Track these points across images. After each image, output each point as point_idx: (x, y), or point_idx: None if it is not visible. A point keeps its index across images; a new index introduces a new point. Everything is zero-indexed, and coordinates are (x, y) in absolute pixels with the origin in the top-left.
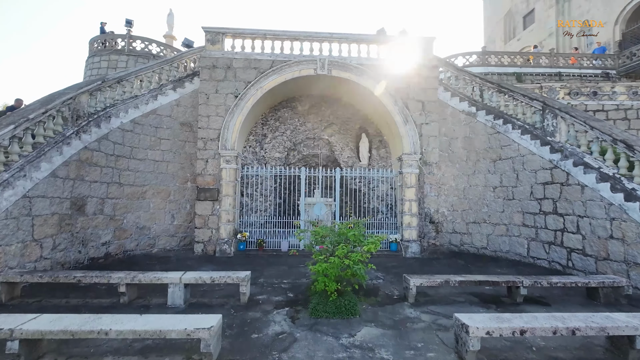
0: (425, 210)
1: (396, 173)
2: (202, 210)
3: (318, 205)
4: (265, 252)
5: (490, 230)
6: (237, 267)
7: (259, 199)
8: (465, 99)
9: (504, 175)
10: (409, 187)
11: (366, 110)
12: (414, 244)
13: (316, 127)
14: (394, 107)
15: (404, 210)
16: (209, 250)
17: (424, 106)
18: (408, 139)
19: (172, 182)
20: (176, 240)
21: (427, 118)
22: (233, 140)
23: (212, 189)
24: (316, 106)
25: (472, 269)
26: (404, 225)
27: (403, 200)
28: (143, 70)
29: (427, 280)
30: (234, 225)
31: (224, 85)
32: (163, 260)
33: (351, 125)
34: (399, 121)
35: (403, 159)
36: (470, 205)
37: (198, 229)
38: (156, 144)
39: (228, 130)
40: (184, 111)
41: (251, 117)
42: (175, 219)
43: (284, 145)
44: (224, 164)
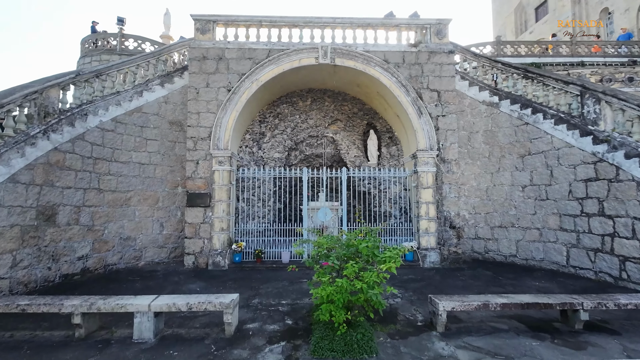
0: (445, 214)
1: (410, 172)
2: (192, 217)
3: (323, 210)
4: (264, 263)
5: (519, 235)
6: (230, 283)
7: (256, 204)
8: (485, 87)
9: (535, 172)
10: (426, 188)
11: (374, 104)
12: (432, 253)
13: (319, 123)
14: (406, 98)
15: (420, 214)
16: (200, 262)
17: (440, 96)
18: (423, 134)
19: (160, 186)
20: (166, 251)
21: (444, 109)
22: (226, 139)
23: (203, 194)
24: (319, 101)
25: (503, 282)
26: (421, 231)
27: (419, 203)
28: (126, 64)
29: (461, 303)
30: (228, 235)
31: (215, 78)
32: (148, 276)
33: (358, 121)
34: (412, 114)
35: (418, 156)
36: (495, 208)
37: (188, 239)
38: (142, 145)
39: (220, 128)
40: (173, 109)
41: (247, 113)
42: (164, 227)
43: (284, 145)
44: (216, 165)
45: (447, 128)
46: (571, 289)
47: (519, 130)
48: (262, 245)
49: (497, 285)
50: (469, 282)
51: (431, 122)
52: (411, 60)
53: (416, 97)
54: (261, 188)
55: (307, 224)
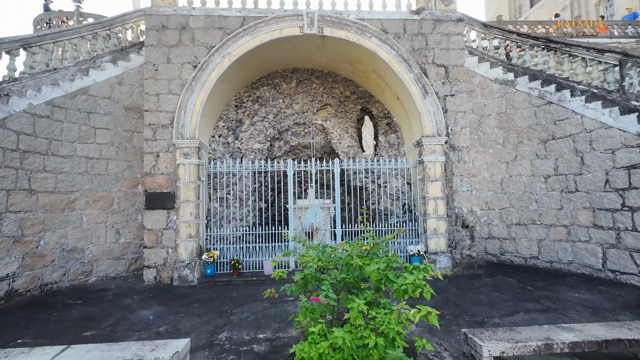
0: (456, 211)
1: (414, 163)
2: (152, 223)
3: (312, 209)
4: (242, 276)
5: (542, 233)
6: (195, 307)
7: (233, 205)
8: (498, 63)
9: (561, 159)
10: (433, 181)
11: (369, 85)
12: (443, 257)
13: (306, 109)
14: (408, 74)
15: (427, 212)
16: (163, 277)
17: (448, 72)
18: (429, 117)
19: (115, 185)
20: (124, 264)
21: (453, 88)
22: (193, 126)
23: (165, 194)
24: (305, 83)
25: (535, 293)
26: (429, 232)
27: (425, 199)
28: (65, 34)
29: (513, 345)
30: (197, 242)
31: (178, 52)
32: (95, 298)
33: (350, 106)
34: (415, 93)
35: (423, 144)
36: (511, 202)
37: (148, 249)
38: (89, 136)
39: (185, 112)
40: (129, 92)
41: (219, 96)
42: (121, 235)
43: (266, 134)
44: (181, 158)
45: (457, 110)
46: (621, 302)
47: (540, 112)
48: (240, 254)
49: (530, 299)
50: (493, 296)
51: (438, 102)
52: (413, 30)
53: (420, 73)
54: (238, 185)
55: (294, 225)
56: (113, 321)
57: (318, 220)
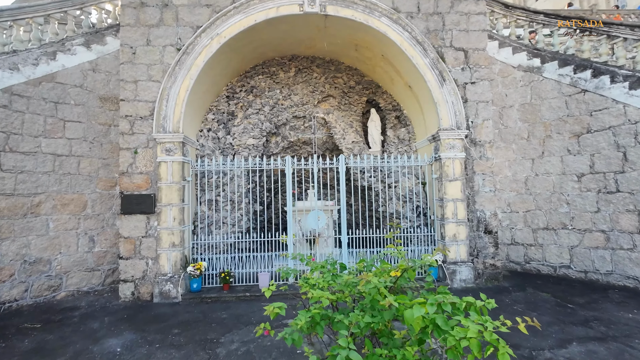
0: (478, 215)
1: (429, 160)
2: (129, 229)
3: (313, 213)
4: (233, 291)
5: (574, 239)
6: (175, 334)
7: (224, 208)
8: (521, 48)
9: (598, 155)
10: (452, 181)
11: (376, 74)
12: (464, 268)
13: (306, 101)
14: (422, 59)
15: (445, 216)
16: (142, 293)
17: (468, 57)
18: (446, 108)
19: (88, 187)
20: (99, 276)
21: (474, 75)
22: (177, 117)
23: (144, 196)
24: (305, 72)
25: (580, 313)
26: (447, 238)
27: (443, 201)
28: (28, 12)
29: None
30: (182, 252)
31: (159, 33)
32: (58, 320)
33: (355, 97)
34: (431, 81)
35: (440, 138)
36: (538, 204)
37: (125, 261)
38: (57, 129)
39: (168, 102)
40: (105, 80)
41: (208, 84)
42: (96, 243)
43: (261, 128)
44: (163, 155)
45: (478, 99)
46: None
47: (572, 101)
48: (232, 265)
49: (578, 322)
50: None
51: (457, 91)
52: (428, 8)
53: (436, 58)
54: (230, 186)
55: (293, 230)
56: (69, 356)
57: (321, 226)
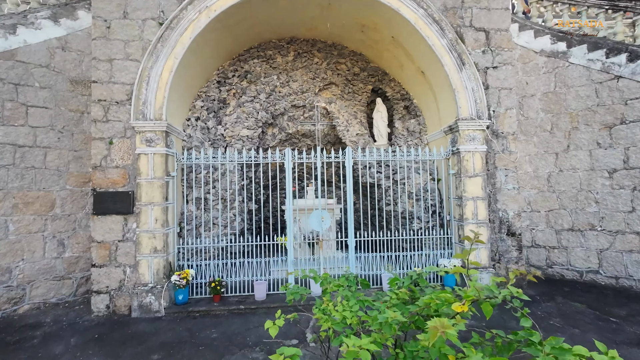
0: (500, 215)
1: (445, 154)
2: (103, 233)
3: (316, 213)
4: (225, 302)
5: (604, 242)
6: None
7: (215, 207)
8: (544, 31)
9: (634, 149)
10: (472, 177)
11: (384, 60)
12: (485, 275)
13: (307, 88)
14: (440, 40)
15: (464, 216)
16: (119, 306)
17: (489, 39)
18: (466, 95)
19: (57, 183)
20: (70, 285)
21: (496, 59)
22: (159, 103)
23: (121, 194)
24: (305, 56)
25: (631, 330)
26: (466, 241)
27: (463, 200)
28: None
29: None
30: (165, 258)
31: (138, 4)
32: (14, 342)
33: (360, 85)
34: (448, 64)
35: (459, 129)
36: (562, 203)
37: (98, 269)
38: (18, 116)
39: (149, 85)
40: (77, 60)
41: (196, 67)
42: (66, 247)
43: (256, 118)
44: (143, 146)
45: (500, 86)
46: None
47: (603, 89)
48: (224, 272)
49: (631, 341)
50: (573, 335)
51: (478, 76)
52: None
53: (455, 38)
54: (221, 182)
55: (292, 232)
56: None
57: (325, 227)
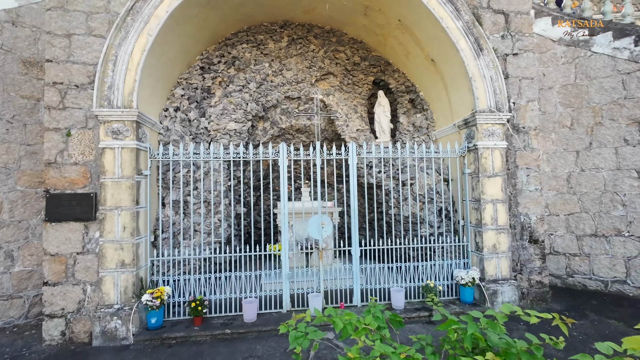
0: (521, 220)
1: (461, 150)
2: (58, 243)
3: (315, 219)
4: (208, 326)
5: (632, 249)
6: None
7: (197, 212)
8: (564, 17)
9: None
10: (492, 176)
11: (387, 48)
12: (506, 287)
13: (302, 78)
14: (454, 22)
15: (482, 221)
16: (77, 332)
17: (509, 22)
18: (484, 84)
19: (4, 183)
20: (20, 305)
21: (516, 45)
22: (129, 88)
23: (81, 196)
24: (300, 42)
25: None
26: (485, 249)
27: (481, 203)
28: None
29: None
30: (135, 273)
31: None
32: None
33: (360, 76)
34: (464, 49)
35: (477, 123)
36: (583, 205)
37: (51, 287)
38: None
39: (116, 66)
40: (32, 38)
41: (175, 48)
42: (16, 260)
43: (246, 110)
44: (108, 138)
45: (521, 75)
46: None
47: (631, 80)
48: (206, 289)
49: None
50: None
51: (498, 63)
52: None
53: (472, 21)
54: (203, 182)
55: (287, 240)
56: None
57: (326, 235)
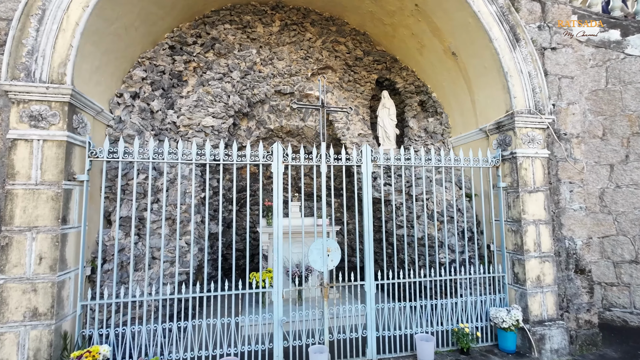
0: (566, 245)
1: (494, 160)
2: None
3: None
4: None
5: None
6: None
7: (156, 232)
8: (592, 16)
9: None
10: (532, 192)
11: (395, 41)
12: (555, 331)
13: (296, 70)
14: (487, 6)
15: (525, 247)
16: None
17: (546, 12)
18: (520, 81)
19: None
20: None
21: (554, 37)
22: (62, 56)
23: None
24: (295, 29)
25: None
26: (529, 282)
27: (522, 224)
28: None
29: None
30: (55, 328)
31: None
32: None
33: (363, 73)
34: (498, 39)
35: (515, 126)
36: (620, 227)
37: None
38: None
39: (43, 23)
40: None
41: (135, 13)
42: None
43: (226, 103)
44: (23, 126)
45: (560, 73)
46: None
47: None
48: (165, 346)
49: None
50: None
51: (537, 57)
52: None
53: (507, 5)
54: (168, 193)
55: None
56: None
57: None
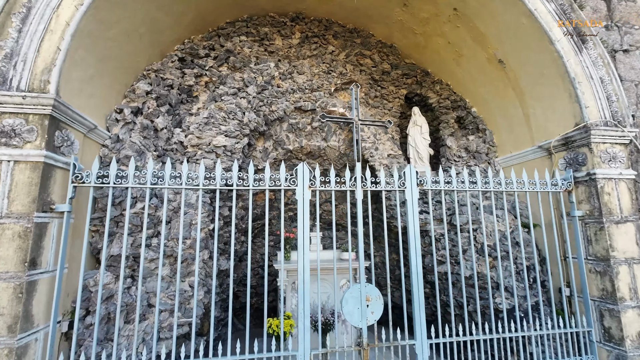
0: None
1: (566, 184)
2: None
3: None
4: None
5: None
6: None
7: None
8: None
9: None
10: (620, 222)
11: (428, 52)
12: None
13: (318, 85)
14: (545, 4)
15: (618, 293)
16: None
17: (612, 10)
18: (591, 88)
19: None
20: None
21: (624, 38)
22: (47, 60)
23: None
24: (316, 42)
25: None
26: (629, 342)
27: (612, 263)
28: None
29: None
30: None
31: None
32: None
33: (391, 88)
34: (561, 40)
35: (591, 141)
36: None
37: None
38: None
39: (27, 23)
40: None
41: (140, 17)
42: None
43: (241, 121)
44: None
45: (637, 79)
46: None
47: None
48: None
49: None
50: None
51: (609, 60)
52: None
53: (569, 3)
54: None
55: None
56: None
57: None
